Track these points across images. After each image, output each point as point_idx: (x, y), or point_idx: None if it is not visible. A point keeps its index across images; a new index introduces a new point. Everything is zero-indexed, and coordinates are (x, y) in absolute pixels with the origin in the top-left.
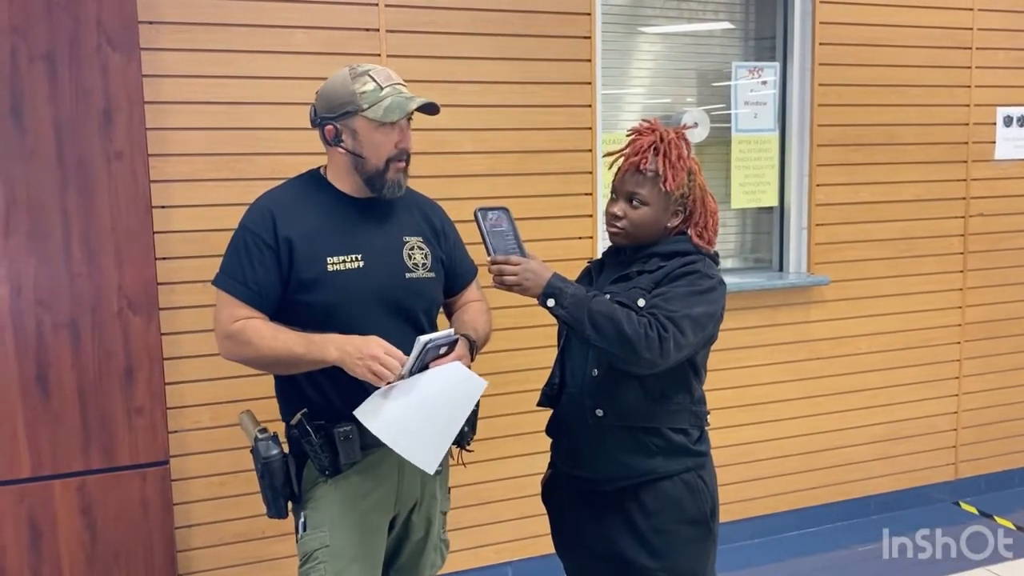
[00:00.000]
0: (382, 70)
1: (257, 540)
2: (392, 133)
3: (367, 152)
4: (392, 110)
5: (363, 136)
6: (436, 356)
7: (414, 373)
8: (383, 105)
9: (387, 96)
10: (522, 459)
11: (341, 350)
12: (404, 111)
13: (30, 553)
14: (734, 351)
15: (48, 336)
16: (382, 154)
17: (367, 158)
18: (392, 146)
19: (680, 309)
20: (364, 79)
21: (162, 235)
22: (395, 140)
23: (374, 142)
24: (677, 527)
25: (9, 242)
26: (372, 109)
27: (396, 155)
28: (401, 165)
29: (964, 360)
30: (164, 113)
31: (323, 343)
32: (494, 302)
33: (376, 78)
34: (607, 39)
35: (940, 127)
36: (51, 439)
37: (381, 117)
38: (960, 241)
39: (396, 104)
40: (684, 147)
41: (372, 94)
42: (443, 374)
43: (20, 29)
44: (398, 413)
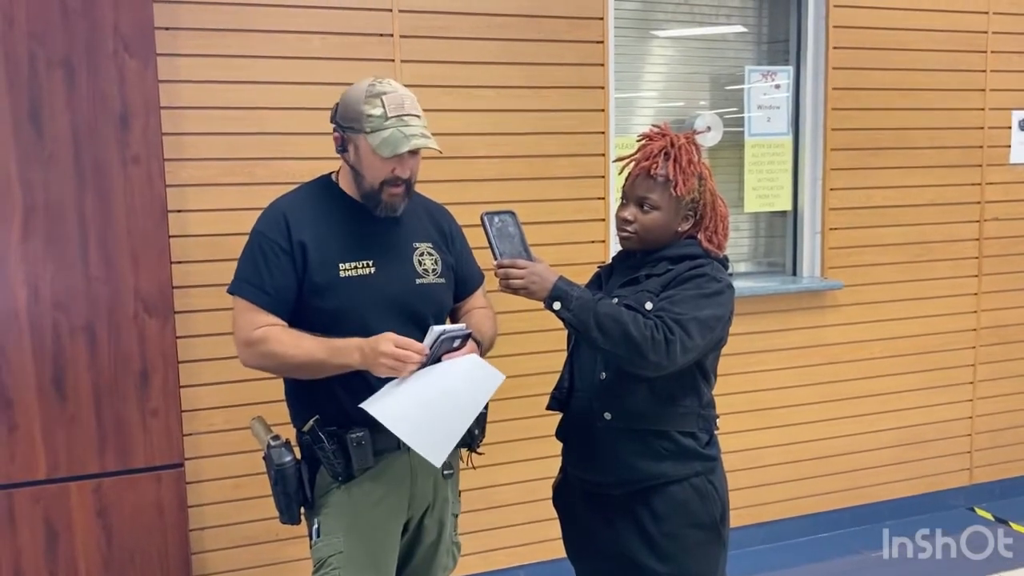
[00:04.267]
0: (397, 96)
1: (271, 543)
2: (389, 161)
3: (364, 171)
4: (386, 145)
5: (362, 155)
6: (449, 349)
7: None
8: (381, 136)
9: (388, 128)
10: (533, 463)
11: (362, 353)
12: (395, 151)
13: (46, 555)
14: (747, 355)
15: (65, 339)
16: (377, 176)
17: (364, 176)
18: (388, 172)
19: (687, 312)
20: (375, 102)
21: (177, 239)
22: (391, 167)
23: (371, 165)
24: (687, 531)
25: (27, 246)
26: (372, 136)
27: (391, 180)
28: (396, 191)
29: (979, 365)
30: (180, 118)
31: (346, 348)
32: (502, 306)
33: (386, 105)
34: (620, 43)
35: (955, 131)
36: (67, 441)
37: (376, 148)
38: (975, 245)
39: (392, 140)
40: (694, 152)
41: (376, 121)
42: (459, 366)
43: (38, 35)
44: (408, 403)
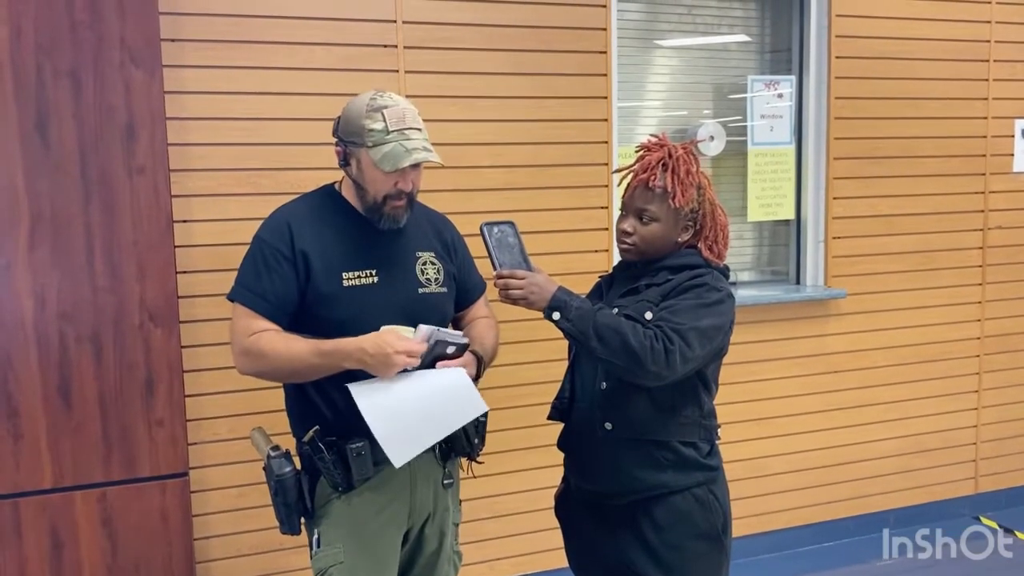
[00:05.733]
0: (399, 110)
1: (274, 552)
2: (391, 175)
3: (367, 184)
4: (387, 160)
5: (364, 169)
6: (444, 354)
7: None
8: (382, 150)
9: (389, 143)
10: (537, 472)
11: (359, 361)
12: (395, 165)
13: (51, 563)
14: (751, 364)
15: (71, 348)
16: (380, 190)
17: (366, 190)
18: (391, 185)
19: (687, 322)
20: (376, 116)
21: (183, 249)
22: (393, 181)
23: (374, 178)
24: (688, 542)
25: (33, 256)
26: (373, 150)
27: (394, 194)
28: (399, 204)
29: (983, 373)
30: (186, 129)
31: (337, 355)
32: (503, 316)
33: (387, 119)
34: (623, 53)
35: (958, 140)
36: (73, 450)
37: (377, 162)
38: (979, 254)
39: (393, 154)
40: (693, 163)
41: (377, 135)
42: (446, 377)
43: (45, 47)
44: (391, 398)
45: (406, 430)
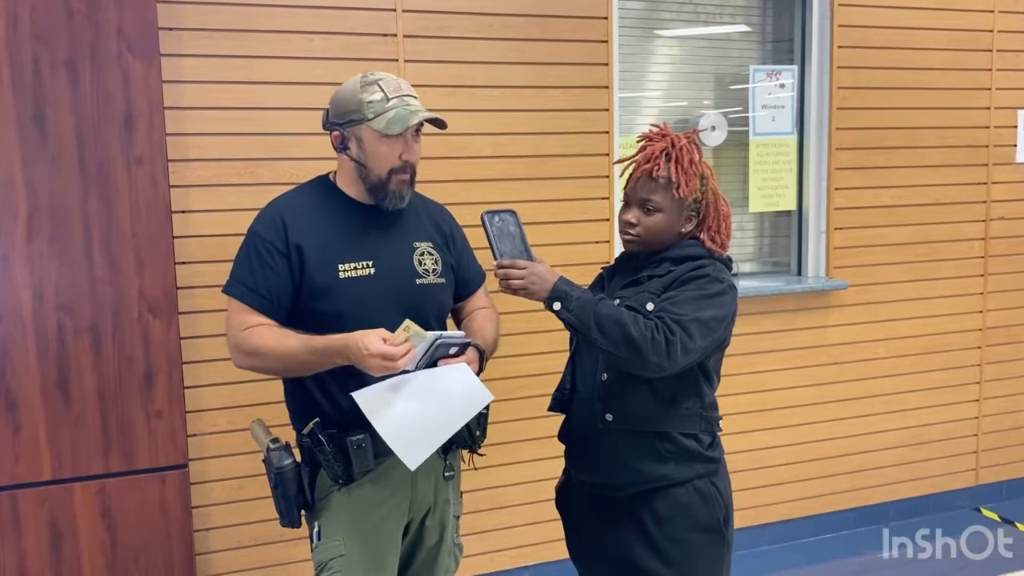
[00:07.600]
0: (393, 80)
1: (274, 543)
2: (396, 145)
3: (370, 162)
4: (395, 122)
5: (367, 146)
6: (446, 355)
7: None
8: (387, 117)
9: (392, 108)
10: (538, 463)
11: (347, 359)
12: (405, 124)
13: (50, 555)
14: (752, 356)
15: (69, 340)
16: (385, 165)
17: (370, 168)
18: (395, 158)
19: (688, 313)
20: (373, 88)
21: (181, 240)
22: (399, 152)
23: (378, 153)
24: (690, 535)
25: (31, 247)
26: (376, 120)
27: (399, 167)
28: (404, 177)
29: (985, 365)
30: (184, 119)
31: (327, 352)
32: (504, 307)
33: (384, 88)
34: (624, 43)
35: (960, 130)
36: (72, 442)
37: (384, 129)
38: (981, 245)
39: (400, 116)
40: (696, 152)
41: (378, 104)
42: (449, 373)
43: (42, 36)
44: (395, 402)
45: (416, 433)
